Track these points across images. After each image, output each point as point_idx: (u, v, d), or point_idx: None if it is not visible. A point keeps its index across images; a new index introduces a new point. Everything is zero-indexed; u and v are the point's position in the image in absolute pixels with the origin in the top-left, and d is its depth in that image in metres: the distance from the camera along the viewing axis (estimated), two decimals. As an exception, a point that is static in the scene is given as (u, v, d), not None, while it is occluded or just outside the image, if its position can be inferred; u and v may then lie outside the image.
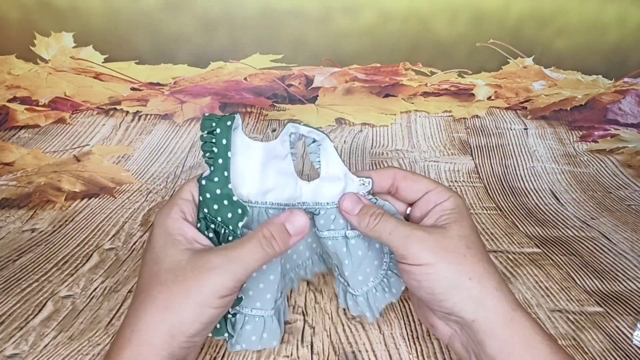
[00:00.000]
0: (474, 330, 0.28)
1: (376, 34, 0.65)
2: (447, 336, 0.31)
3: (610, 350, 0.36)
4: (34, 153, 0.60)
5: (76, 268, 0.44)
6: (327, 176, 0.34)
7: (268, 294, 0.33)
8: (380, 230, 0.30)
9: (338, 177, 0.34)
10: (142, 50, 0.63)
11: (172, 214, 0.30)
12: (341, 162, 0.34)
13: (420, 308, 0.34)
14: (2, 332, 0.36)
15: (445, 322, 0.31)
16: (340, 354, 0.35)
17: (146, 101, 0.67)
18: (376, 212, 0.31)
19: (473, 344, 0.29)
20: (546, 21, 0.66)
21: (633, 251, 0.49)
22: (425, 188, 0.33)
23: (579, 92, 0.72)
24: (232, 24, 0.62)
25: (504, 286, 0.29)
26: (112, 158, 0.61)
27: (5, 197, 0.54)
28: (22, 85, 0.63)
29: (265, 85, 0.68)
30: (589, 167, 0.67)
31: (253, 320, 0.33)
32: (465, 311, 0.28)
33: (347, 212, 0.33)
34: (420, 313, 0.34)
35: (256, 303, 0.33)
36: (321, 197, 0.34)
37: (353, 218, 0.32)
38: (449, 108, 0.72)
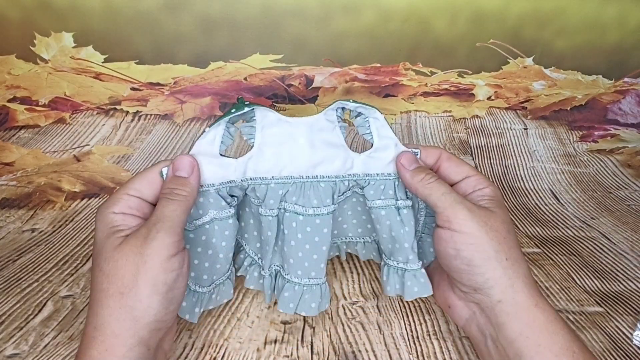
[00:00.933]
0: (496, 312, 0.29)
1: (376, 34, 0.65)
2: (464, 318, 0.32)
3: (610, 350, 0.36)
4: (34, 153, 0.60)
5: (76, 268, 0.44)
6: (379, 146, 0.34)
7: (322, 263, 0.34)
8: (434, 188, 0.31)
9: (389, 147, 0.34)
10: (142, 50, 0.63)
11: (114, 208, 0.30)
12: (392, 132, 0.35)
13: (440, 288, 0.34)
14: (2, 332, 0.36)
15: (466, 302, 0.31)
16: (340, 354, 0.35)
17: (146, 101, 0.67)
18: (432, 173, 0.33)
19: (492, 326, 0.29)
20: (546, 21, 0.66)
21: (633, 251, 0.49)
22: (467, 172, 0.34)
23: (579, 92, 0.72)
24: (232, 24, 0.62)
25: (532, 276, 0.30)
26: (112, 158, 0.61)
27: (5, 197, 0.54)
28: (22, 85, 0.63)
29: (265, 85, 0.68)
30: (589, 167, 0.67)
31: (311, 290, 0.35)
32: (494, 289, 0.29)
33: (403, 165, 0.33)
34: (439, 293, 0.34)
35: (311, 273, 0.34)
36: (372, 168, 0.35)
37: (407, 172, 0.33)
38: (449, 108, 0.72)
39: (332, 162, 0.34)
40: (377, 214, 0.34)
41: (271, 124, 0.33)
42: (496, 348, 0.29)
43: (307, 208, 0.33)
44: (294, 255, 0.34)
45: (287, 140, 0.33)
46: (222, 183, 0.33)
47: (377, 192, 0.34)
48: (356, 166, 0.35)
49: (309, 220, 0.33)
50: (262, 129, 0.33)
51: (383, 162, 0.34)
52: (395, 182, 0.35)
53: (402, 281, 0.35)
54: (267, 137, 0.33)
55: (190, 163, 0.31)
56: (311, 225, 0.33)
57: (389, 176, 0.34)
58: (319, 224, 0.34)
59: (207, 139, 0.32)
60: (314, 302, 0.34)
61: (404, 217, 0.34)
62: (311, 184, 0.34)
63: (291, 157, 0.33)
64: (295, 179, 0.34)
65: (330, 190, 0.34)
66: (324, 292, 0.35)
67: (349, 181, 0.35)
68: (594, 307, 0.41)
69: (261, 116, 0.33)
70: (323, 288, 0.35)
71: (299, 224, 0.33)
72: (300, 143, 0.33)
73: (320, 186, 0.34)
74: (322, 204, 0.34)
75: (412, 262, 0.34)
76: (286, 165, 0.33)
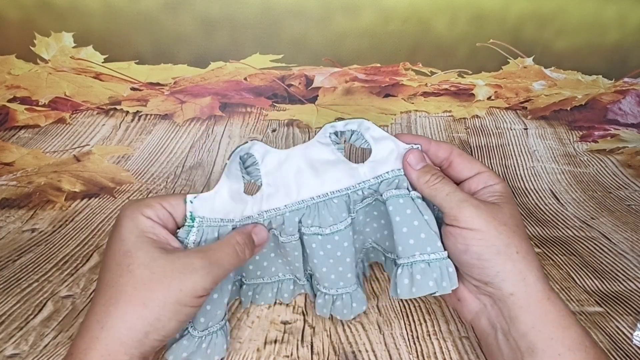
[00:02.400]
0: (508, 304, 0.29)
1: (376, 34, 0.65)
2: (474, 312, 0.31)
3: (610, 350, 0.36)
4: (34, 153, 0.60)
5: (76, 268, 0.44)
6: (378, 150, 0.35)
7: (348, 273, 0.35)
8: (439, 189, 0.31)
9: (388, 147, 0.34)
10: (142, 50, 0.63)
11: (147, 212, 0.29)
12: (386, 133, 0.35)
13: None
14: (2, 332, 0.36)
15: (476, 295, 0.31)
16: (340, 354, 0.35)
17: (146, 101, 0.67)
18: (438, 173, 0.33)
19: (503, 319, 0.29)
20: (546, 21, 0.66)
21: (633, 251, 0.49)
22: (478, 169, 0.34)
23: (579, 92, 0.72)
24: (232, 24, 0.62)
25: (542, 269, 0.30)
26: (112, 158, 0.61)
27: (5, 197, 0.54)
28: (22, 85, 0.63)
29: (265, 85, 0.68)
30: (589, 167, 0.67)
31: (340, 298, 0.36)
32: (505, 282, 0.29)
33: (410, 164, 0.33)
34: None
35: (339, 283, 0.36)
36: (380, 170, 0.35)
37: (413, 172, 0.33)
38: (449, 108, 0.72)
39: (339, 178, 0.34)
40: (395, 203, 0.33)
41: (271, 159, 0.34)
42: (507, 341, 0.29)
43: (324, 228, 0.34)
44: (319, 270, 0.35)
45: (290, 170, 0.34)
46: (241, 219, 0.34)
47: (391, 185, 0.34)
48: (363, 174, 0.35)
49: (328, 239, 0.34)
50: (264, 167, 0.34)
51: (388, 161, 0.34)
52: None
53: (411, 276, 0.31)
54: (272, 173, 0.34)
55: (264, 238, 0.34)
56: (331, 243, 0.34)
57: (399, 171, 0.34)
58: (338, 240, 0.34)
59: (232, 172, 0.33)
60: (345, 309, 0.36)
61: (419, 205, 0.33)
62: (324, 202, 0.34)
63: (298, 184, 0.34)
64: (308, 201, 0.34)
65: (345, 205, 0.35)
66: (355, 297, 0.36)
67: (362, 190, 0.35)
68: (594, 307, 0.41)
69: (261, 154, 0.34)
70: (354, 294, 0.36)
71: (319, 244, 0.34)
72: (302, 169, 0.34)
73: (334, 202, 0.34)
74: (338, 220, 0.34)
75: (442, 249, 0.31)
76: (295, 192, 0.34)
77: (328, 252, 0.34)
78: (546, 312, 0.28)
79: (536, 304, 0.28)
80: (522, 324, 0.28)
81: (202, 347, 0.32)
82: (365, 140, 0.35)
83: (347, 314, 0.36)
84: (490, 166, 0.65)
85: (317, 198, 0.34)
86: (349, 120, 0.34)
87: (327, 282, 0.36)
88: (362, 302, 0.37)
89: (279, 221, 0.34)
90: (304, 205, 0.34)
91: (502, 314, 0.29)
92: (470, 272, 0.30)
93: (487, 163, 0.66)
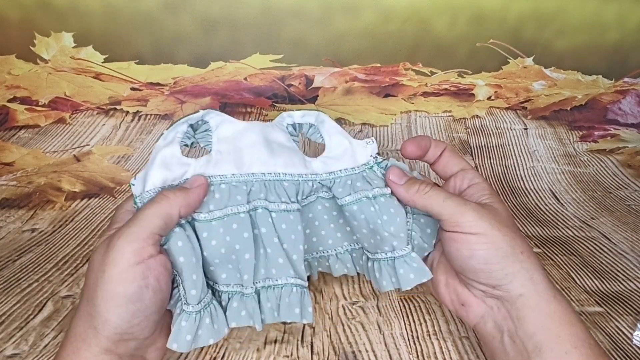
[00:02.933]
0: (517, 305, 0.28)
1: (376, 34, 0.65)
2: (479, 316, 0.31)
3: (610, 350, 0.36)
4: (34, 153, 0.60)
5: (76, 268, 0.44)
6: (332, 146, 0.34)
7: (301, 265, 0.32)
8: (433, 197, 0.30)
9: (342, 143, 0.34)
10: (142, 50, 0.63)
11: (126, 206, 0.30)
12: (341, 129, 0.34)
13: (449, 287, 0.33)
14: (2, 332, 0.36)
15: (483, 299, 0.30)
16: (340, 354, 0.35)
17: (146, 101, 0.67)
18: (425, 181, 0.32)
19: (511, 321, 0.29)
20: (546, 21, 0.66)
21: (633, 251, 0.49)
22: (464, 166, 0.34)
23: (579, 92, 0.72)
24: (232, 24, 0.62)
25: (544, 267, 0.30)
26: (112, 158, 0.61)
27: (5, 197, 0.54)
28: (22, 85, 0.63)
29: (265, 85, 0.68)
30: (589, 167, 0.67)
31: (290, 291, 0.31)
32: (514, 283, 0.28)
33: (394, 181, 0.33)
34: (449, 293, 0.33)
35: (290, 271, 0.31)
36: (332, 167, 0.34)
37: (400, 188, 0.32)
38: (449, 108, 0.72)
39: (293, 163, 0.33)
40: (350, 210, 0.33)
41: (226, 128, 0.32)
42: (513, 343, 0.28)
43: (278, 203, 0.31)
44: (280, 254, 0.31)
45: (245, 142, 0.32)
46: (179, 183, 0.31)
47: (346, 188, 0.33)
48: (316, 168, 0.34)
49: (283, 217, 0.31)
50: (218, 134, 0.32)
51: (342, 159, 0.34)
52: (363, 173, 0.34)
53: (395, 272, 0.33)
54: (224, 141, 0.32)
55: (198, 178, 0.30)
56: (286, 222, 0.32)
57: (353, 170, 0.34)
58: (292, 220, 0.32)
59: (167, 140, 0.31)
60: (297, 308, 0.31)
61: (380, 205, 0.32)
62: (274, 182, 0.32)
63: (251, 157, 0.32)
64: (257, 176, 0.32)
65: (294, 190, 0.33)
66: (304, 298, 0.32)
67: (312, 182, 0.34)
68: (594, 307, 0.41)
69: (216, 122, 0.33)
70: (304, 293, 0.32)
71: (275, 221, 0.31)
72: (258, 143, 0.32)
73: (284, 185, 0.32)
74: (290, 201, 0.32)
75: (399, 248, 0.33)
76: (246, 164, 0.32)
77: (283, 234, 0.31)
78: (554, 310, 0.28)
79: (544, 303, 0.28)
80: (531, 323, 0.28)
81: (205, 323, 0.29)
82: (320, 136, 0.34)
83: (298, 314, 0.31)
84: (490, 166, 0.65)
85: (267, 175, 0.32)
86: (307, 112, 0.34)
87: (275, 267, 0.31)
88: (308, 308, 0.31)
89: (222, 189, 0.31)
90: (253, 179, 0.32)
91: (510, 316, 0.29)
92: (477, 277, 0.30)
93: (487, 163, 0.66)
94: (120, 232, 0.26)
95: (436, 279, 0.34)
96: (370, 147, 0.35)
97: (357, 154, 0.34)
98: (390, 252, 0.33)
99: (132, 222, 0.27)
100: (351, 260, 0.37)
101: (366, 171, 0.34)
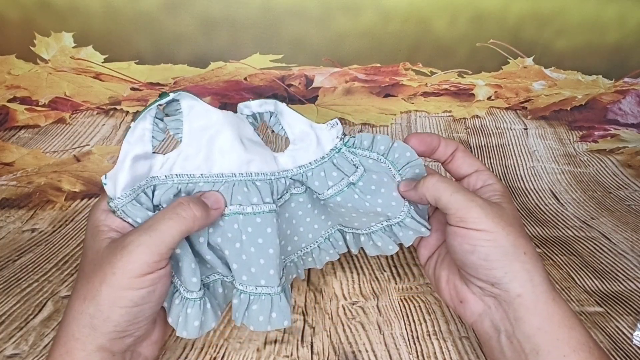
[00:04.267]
0: (514, 306, 0.28)
1: (376, 34, 0.65)
2: (477, 314, 0.31)
3: (610, 350, 0.36)
4: (34, 153, 0.60)
5: (76, 268, 0.44)
6: (296, 137, 0.33)
7: (271, 269, 0.30)
8: (442, 190, 0.30)
9: (306, 132, 0.33)
10: (142, 50, 0.63)
11: (102, 205, 0.29)
12: (301, 117, 0.33)
13: (450, 283, 0.33)
14: (2, 332, 0.36)
15: (481, 297, 0.31)
16: (340, 354, 0.35)
17: (146, 101, 0.67)
18: (435, 174, 0.33)
19: (508, 321, 0.29)
20: (546, 21, 0.66)
21: (633, 251, 0.49)
22: (477, 167, 0.34)
23: (579, 92, 0.72)
24: (232, 24, 0.62)
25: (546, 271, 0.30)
26: (112, 158, 0.61)
27: (5, 197, 0.54)
28: (22, 85, 0.63)
29: (265, 85, 0.68)
30: (589, 167, 0.67)
31: (259, 299, 0.30)
32: (513, 283, 0.28)
33: (406, 190, 0.33)
34: (449, 289, 0.33)
35: (260, 281, 0.30)
36: (301, 160, 0.33)
37: (412, 192, 0.32)
38: (449, 108, 0.72)
39: (264, 160, 0.32)
40: (334, 202, 0.32)
41: (198, 116, 0.30)
42: (510, 344, 0.28)
43: (245, 206, 0.30)
44: (237, 259, 0.30)
45: (217, 135, 0.30)
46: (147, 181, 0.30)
47: (322, 181, 0.33)
48: (285, 164, 0.33)
49: (249, 220, 0.30)
50: (189, 122, 0.30)
51: (308, 149, 0.33)
52: (333, 160, 0.33)
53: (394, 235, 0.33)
54: (195, 132, 0.30)
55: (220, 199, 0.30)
56: (252, 225, 0.30)
57: (323, 160, 0.33)
58: (260, 223, 0.30)
59: (136, 135, 0.29)
60: (261, 315, 0.30)
61: (361, 188, 0.32)
62: (245, 182, 0.31)
63: (221, 153, 0.30)
64: (227, 176, 0.31)
65: (268, 189, 0.31)
66: (276, 304, 0.30)
67: (285, 179, 0.33)
68: (594, 307, 0.41)
69: (188, 107, 0.30)
70: (275, 300, 0.30)
71: (240, 225, 0.30)
72: (230, 138, 0.30)
73: (256, 184, 0.31)
74: (262, 202, 0.31)
75: (394, 216, 0.33)
76: (216, 162, 0.31)
77: (249, 237, 0.30)
78: (552, 313, 0.28)
79: (542, 305, 0.28)
80: (528, 325, 0.28)
81: (207, 308, 0.30)
82: (282, 128, 0.33)
83: (262, 323, 0.30)
84: (490, 166, 0.65)
85: (239, 175, 0.31)
86: (264, 100, 0.32)
87: (246, 275, 0.30)
88: (285, 314, 0.31)
89: (190, 189, 0.31)
90: (223, 180, 0.31)
91: (507, 316, 0.29)
92: (476, 274, 0.30)
93: (487, 163, 0.66)
94: (140, 239, 0.26)
95: (438, 274, 0.34)
96: (335, 129, 0.33)
97: (322, 140, 0.33)
98: (385, 222, 0.34)
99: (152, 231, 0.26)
100: (331, 246, 0.37)
101: (335, 156, 0.33)
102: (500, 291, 0.29)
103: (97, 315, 0.25)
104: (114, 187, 0.28)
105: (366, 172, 0.33)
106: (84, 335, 0.25)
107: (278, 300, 0.31)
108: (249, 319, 0.30)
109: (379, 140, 0.34)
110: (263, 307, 0.30)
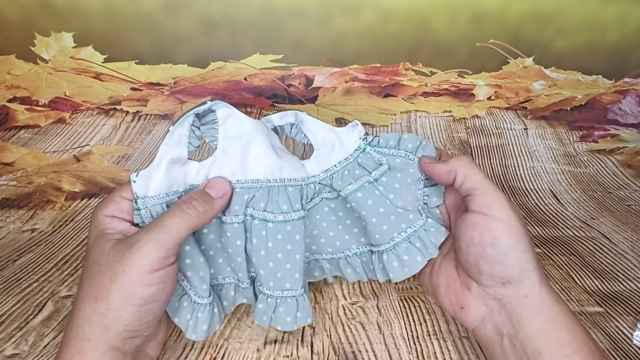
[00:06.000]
0: (520, 307, 0.28)
1: (376, 34, 0.65)
2: (479, 319, 0.30)
3: (610, 350, 0.36)
4: (34, 153, 0.60)
5: (76, 268, 0.44)
6: (319, 143, 0.34)
7: (296, 273, 0.32)
8: (476, 170, 0.30)
9: (329, 138, 0.34)
10: (142, 50, 0.63)
11: (107, 209, 0.29)
12: (322, 123, 0.34)
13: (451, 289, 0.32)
14: (2, 332, 0.36)
15: (484, 300, 0.30)
16: (340, 354, 0.35)
17: (146, 101, 0.67)
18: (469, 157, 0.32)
19: (510, 324, 0.28)
20: (546, 21, 0.66)
21: (633, 251, 0.49)
22: None
23: (579, 92, 0.72)
24: (232, 24, 0.62)
25: None
26: (112, 158, 0.61)
27: (5, 197, 0.54)
28: (22, 85, 0.63)
29: (265, 85, 0.68)
30: (589, 167, 0.67)
31: (285, 302, 0.32)
32: (524, 283, 0.28)
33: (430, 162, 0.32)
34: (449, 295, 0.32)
35: (285, 284, 0.32)
36: (326, 164, 0.34)
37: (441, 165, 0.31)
38: (449, 108, 0.72)
39: (294, 167, 0.33)
40: (355, 199, 0.32)
41: (233, 124, 0.31)
42: (513, 347, 0.28)
43: (277, 214, 0.31)
44: (264, 265, 0.32)
45: (251, 142, 0.31)
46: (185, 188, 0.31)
47: (345, 179, 0.33)
48: (311, 170, 0.34)
49: (280, 227, 0.31)
50: (224, 130, 0.31)
51: (332, 153, 0.34)
52: (358, 160, 0.34)
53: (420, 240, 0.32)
54: (231, 140, 0.31)
55: (224, 185, 0.31)
56: (282, 233, 0.31)
57: (347, 161, 0.34)
58: (290, 231, 0.31)
59: (174, 139, 0.30)
60: (289, 316, 0.32)
61: (383, 185, 0.32)
62: (278, 188, 0.32)
63: (256, 159, 0.31)
64: (262, 182, 0.32)
65: (298, 195, 0.32)
66: (301, 305, 0.32)
67: (314, 184, 0.34)
68: (594, 307, 0.41)
69: (223, 116, 0.31)
70: (300, 300, 0.32)
71: (269, 232, 0.31)
72: (264, 145, 0.32)
73: (289, 190, 0.32)
74: (292, 209, 0.32)
75: (415, 219, 0.33)
76: (251, 168, 0.32)
77: (277, 244, 0.31)
78: (556, 314, 0.28)
79: (547, 307, 0.28)
80: (531, 327, 0.27)
81: (214, 313, 0.31)
82: (304, 136, 0.34)
83: (289, 323, 0.32)
84: (490, 166, 0.65)
85: (272, 181, 0.32)
86: (284, 113, 0.33)
87: (272, 280, 0.32)
88: (308, 312, 0.33)
89: None
90: (257, 185, 0.32)
91: (510, 319, 0.28)
92: (490, 269, 0.29)
93: (487, 163, 0.66)
94: (147, 236, 0.27)
95: (436, 282, 0.33)
96: (356, 130, 0.34)
97: (346, 143, 0.34)
98: (409, 229, 0.33)
99: (159, 227, 0.27)
100: (360, 265, 0.37)
101: (360, 156, 0.34)
102: (508, 291, 0.28)
103: (109, 315, 0.26)
104: (145, 186, 0.29)
105: (391, 170, 0.33)
106: (96, 335, 0.26)
107: (302, 301, 0.33)
108: (276, 320, 0.32)
109: (405, 139, 0.34)
110: (290, 309, 0.32)
